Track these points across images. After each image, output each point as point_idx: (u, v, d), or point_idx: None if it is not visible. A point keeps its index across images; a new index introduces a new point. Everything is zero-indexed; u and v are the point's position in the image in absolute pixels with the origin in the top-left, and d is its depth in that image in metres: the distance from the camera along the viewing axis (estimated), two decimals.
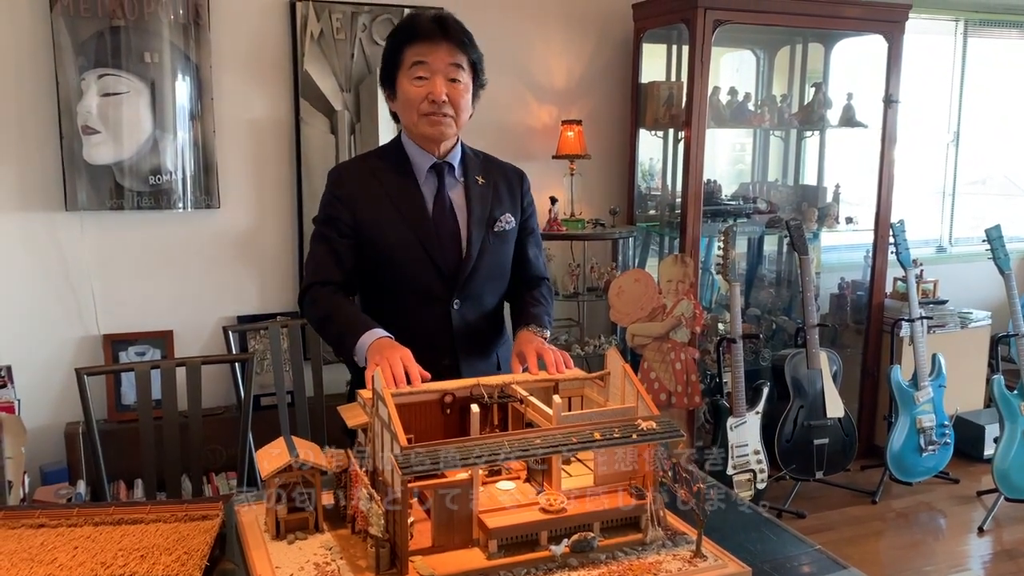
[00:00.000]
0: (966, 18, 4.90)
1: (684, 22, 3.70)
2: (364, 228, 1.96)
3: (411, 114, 1.92)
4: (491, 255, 2.01)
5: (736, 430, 3.56)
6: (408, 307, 1.98)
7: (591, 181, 4.03)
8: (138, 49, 3.21)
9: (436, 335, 1.97)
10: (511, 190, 2.08)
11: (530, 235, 2.14)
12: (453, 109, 1.91)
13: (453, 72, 1.89)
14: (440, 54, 1.88)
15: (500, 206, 2.04)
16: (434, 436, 1.44)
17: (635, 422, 1.42)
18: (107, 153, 3.23)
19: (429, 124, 1.92)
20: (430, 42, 1.87)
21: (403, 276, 1.97)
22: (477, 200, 2.01)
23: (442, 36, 1.88)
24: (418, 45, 1.88)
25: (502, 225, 2.03)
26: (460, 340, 1.99)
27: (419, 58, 1.88)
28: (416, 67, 1.88)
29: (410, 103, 1.91)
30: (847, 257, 4.63)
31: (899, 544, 3.54)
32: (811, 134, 4.48)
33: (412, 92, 1.90)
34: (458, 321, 1.99)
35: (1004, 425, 3.69)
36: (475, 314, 2.02)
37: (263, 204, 3.54)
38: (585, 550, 1.36)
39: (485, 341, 2.06)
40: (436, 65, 1.88)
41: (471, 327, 2.01)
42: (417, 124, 1.93)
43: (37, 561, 1.37)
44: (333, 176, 2.02)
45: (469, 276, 1.98)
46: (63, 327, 3.33)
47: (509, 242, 2.07)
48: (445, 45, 1.88)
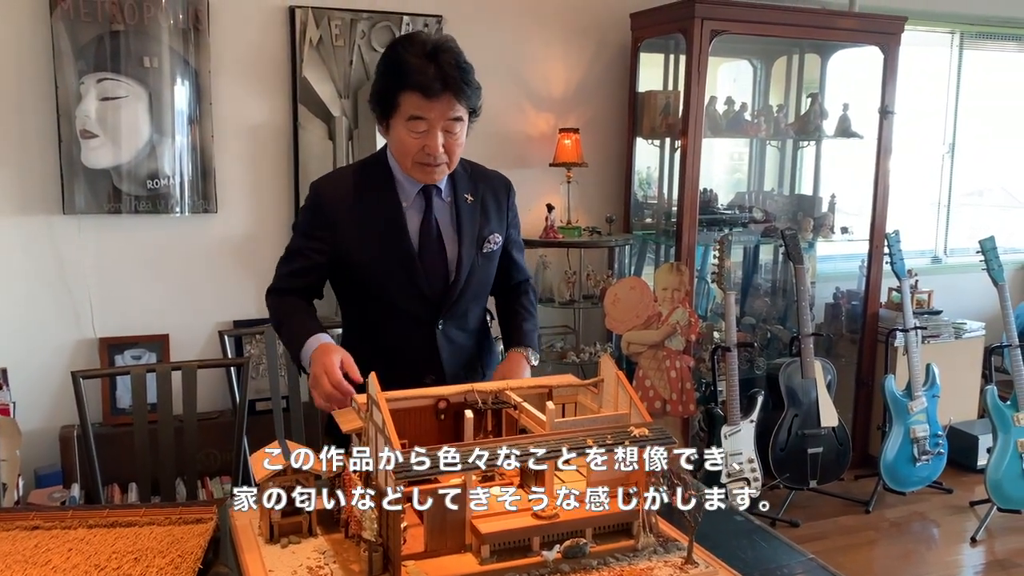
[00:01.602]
0: (962, 30, 4.92)
1: (681, 32, 3.71)
2: (344, 251, 1.91)
3: (405, 160, 1.86)
4: (478, 276, 1.98)
5: (730, 438, 3.57)
6: (391, 329, 1.95)
7: (588, 189, 4.04)
8: (137, 54, 3.22)
9: (421, 355, 1.95)
10: (498, 202, 2.04)
11: (513, 242, 2.11)
12: (448, 156, 1.85)
13: (450, 125, 1.82)
14: (440, 109, 1.79)
15: (488, 224, 1.99)
16: (428, 441, 1.44)
17: (628, 429, 1.43)
18: (105, 157, 3.24)
19: (422, 173, 1.87)
20: (429, 98, 1.77)
21: (386, 301, 1.93)
22: (467, 221, 1.96)
23: (442, 89, 1.77)
24: (416, 97, 1.77)
25: (490, 245, 1.99)
26: (446, 359, 1.96)
27: (417, 113, 1.79)
28: (414, 121, 1.80)
29: (405, 151, 1.85)
30: (842, 267, 4.64)
31: (892, 554, 3.54)
32: (807, 144, 4.50)
33: (408, 142, 1.83)
34: (443, 341, 1.96)
35: (997, 436, 3.70)
36: (459, 332, 2.00)
37: (260, 209, 3.55)
38: (577, 556, 1.36)
39: (470, 356, 2.04)
40: (435, 120, 1.79)
41: (456, 345, 1.99)
42: (410, 169, 1.87)
43: (31, 563, 1.37)
44: (315, 191, 1.95)
45: (457, 298, 1.95)
46: (60, 330, 3.33)
47: (495, 259, 2.04)
48: (445, 99, 1.78)
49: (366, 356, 1.94)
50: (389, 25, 3.58)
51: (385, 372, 1.44)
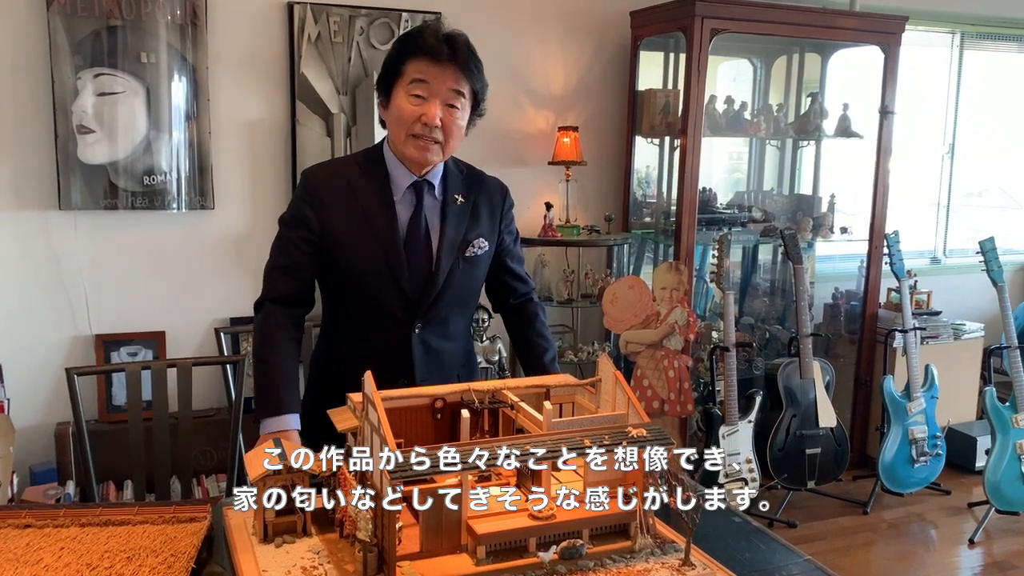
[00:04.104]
0: (962, 30, 4.91)
1: (681, 30, 3.70)
2: (331, 241, 1.88)
3: (400, 131, 1.83)
4: (459, 280, 1.93)
5: (728, 439, 3.56)
6: (369, 327, 1.92)
7: (587, 188, 4.03)
8: (134, 49, 3.21)
9: (395, 356, 1.91)
10: (492, 208, 1.99)
11: (510, 252, 2.06)
12: (444, 135, 1.82)
13: (452, 98, 1.80)
14: (443, 76, 1.78)
15: (476, 227, 1.95)
16: (424, 441, 1.43)
17: (625, 429, 1.42)
18: (102, 153, 3.23)
19: (416, 147, 1.83)
20: (436, 62, 1.77)
21: (366, 296, 1.90)
22: (452, 221, 1.92)
23: (449, 58, 1.77)
24: (423, 62, 1.78)
25: (474, 250, 1.94)
26: (419, 363, 1.92)
27: (421, 76, 1.78)
28: (416, 84, 1.78)
29: (401, 119, 1.82)
30: (841, 267, 4.64)
31: (890, 555, 3.53)
32: (807, 144, 4.49)
33: (406, 109, 1.80)
34: (418, 345, 1.92)
35: (996, 437, 3.69)
36: (437, 338, 1.95)
37: (258, 206, 3.54)
38: (574, 557, 1.35)
39: (445, 365, 1.98)
40: (436, 87, 1.78)
41: (432, 351, 1.94)
42: (404, 144, 1.84)
43: (22, 562, 1.36)
44: (307, 178, 1.93)
45: (434, 301, 1.91)
46: (55, 326, 3.32)
47: (481, 266, 1.99)
48: (451, 68, 1.78)
49: (341, 354, 1.95)
50: (388, 21, 3.57)
51: (358, 372, 1.42)
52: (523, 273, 2.12)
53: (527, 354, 2.07)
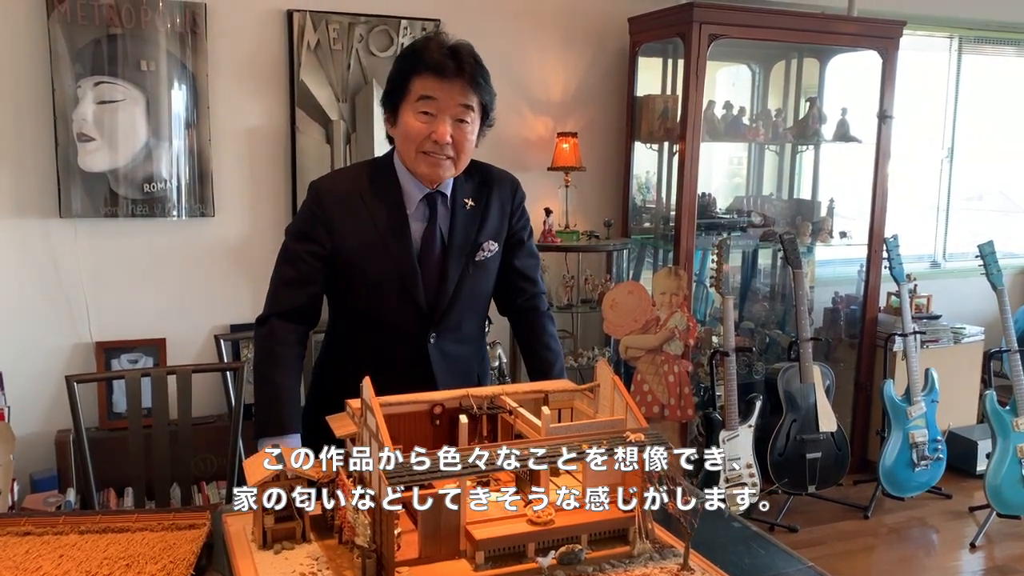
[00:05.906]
0: (960, 35, 4.92)
1: (680, 36, 3.71)
2: (342, 256, 1.84)
3: (409, 149, 1.80)
4: (471, 285, 1.91)
5: (729, 443, 3.56)
6: (383, 340, 1.89)
7: (586, 193, 4.04)
8: (135, 57, 3.22)
9: (413, 368, 1.88)
10: (502, 204, 1.96)
11: (518, 248, 2.01)
12: (455, 151, 1.79)
13: (461, 113, 1.77)
14: (451, 92, 1.74)
15: (485, 230, 1.92)
16: (422, 446, 1.43)
17: (624, 434, 1.42)
18: (102, 160, 3.23)
19: (427, 164, 1.79)
20: (442, 78, 1.73)
21: (379, 310, 1.87)
22: (461, 227, 1.89)
23: (456, 73, 1.73)
24: (429, 79, 1.74)
25: (484, 253, 1.91)
26: (439, 372, 1.90)
27: (427, 93, 1.74)
28: (423, 101, 1.75)
29: (410, 138, 1.78)
30: (841, 271, 4.64)
31: (891, 559, 3.53)
32: (806, 148, 4.50)
33: (415, 127, 1.77)
34: (435, 354, 1.90)
35: (996, 441, 3.69)
36: (453, 343, 1.93)
37: (257, 213, 3.54)
38: (572, 562, 1.35)
39: (463, 368, 1.96)
40: (444, 103, 1.75)
41: (450, 357, 1.92)
42: (415, 161, 1.80)
43: (22, 569, 1.36)
44: (315, 191, 1.88)
45: (447, 309, 1.89)
46: (55, 334, 3.32)
47: (491, 268, 1.96)
48: (458, 83, 1.74)
49: (351, 364, 1.84)
50: (387, 29, 3.58)
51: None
52: (532, 273, 2.05)
53: (534, 367, 2.04)
